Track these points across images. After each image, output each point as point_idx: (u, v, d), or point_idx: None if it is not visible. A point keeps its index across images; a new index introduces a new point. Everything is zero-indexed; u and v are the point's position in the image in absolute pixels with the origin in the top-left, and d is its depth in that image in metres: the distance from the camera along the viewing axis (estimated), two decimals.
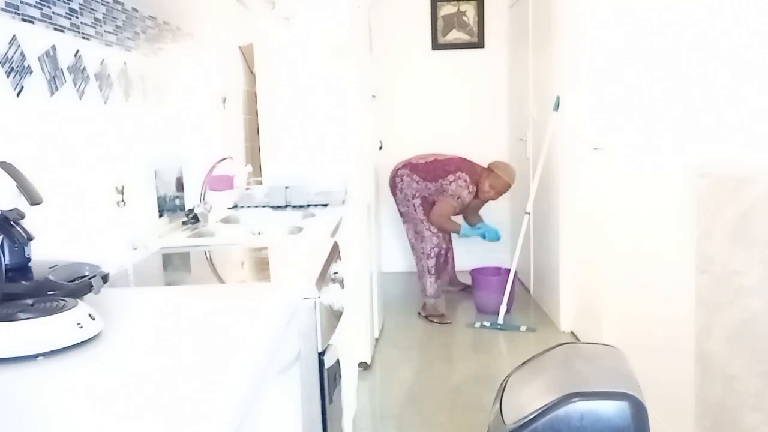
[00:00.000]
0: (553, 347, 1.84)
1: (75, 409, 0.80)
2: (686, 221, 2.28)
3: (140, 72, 1.96)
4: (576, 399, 1.48)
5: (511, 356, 3.41)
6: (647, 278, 2.63)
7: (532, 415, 1.49)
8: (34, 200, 1.14)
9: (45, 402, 0.82)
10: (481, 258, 4.92)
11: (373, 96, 3.65)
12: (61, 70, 1.50)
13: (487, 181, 4.06)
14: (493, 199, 4.18)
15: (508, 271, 4.04)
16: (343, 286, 1.85)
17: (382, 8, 4.88)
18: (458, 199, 4.01)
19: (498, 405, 1.64)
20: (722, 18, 2.07)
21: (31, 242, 1.15)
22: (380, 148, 4.03)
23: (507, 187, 4.09)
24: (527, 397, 1.56)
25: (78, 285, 1.15)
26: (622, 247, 2.92)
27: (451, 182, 3.99)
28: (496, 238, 4.14)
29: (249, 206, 2.80)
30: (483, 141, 5.13)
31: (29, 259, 1.16)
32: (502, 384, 1.77)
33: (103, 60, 1.71)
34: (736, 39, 1.99)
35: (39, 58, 1.40)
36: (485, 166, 4.15)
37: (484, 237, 4.15)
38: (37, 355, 0.94)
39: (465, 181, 4.00)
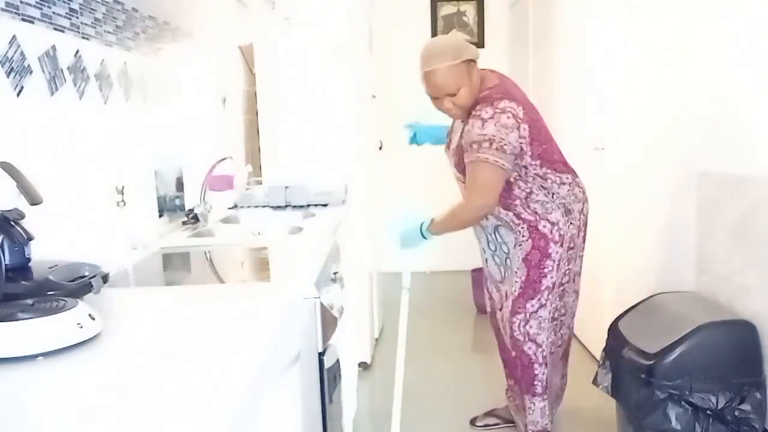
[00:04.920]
0: (648, 297, 2.24)
1: (75, 409, 0.80)
2: (686, 221, 2.28)
3: (140, 72, 1.96)
4: (706, 327, 1.87)
5: None
6: (647, 278, 2.63)
7: (673, 342, 1.87)
8: (34, 200, 1.14)
9: (45, 402, 0.82)
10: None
11: (373, 96, 3.65)
12: (61, 70, 1.50)
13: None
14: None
15: None
16: (343, 286, 1.85)
17: (382, 8, 4.87)
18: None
19: (622, 342, 2.06)
20: (725, 15, 2.07)
21: (31, 242, 1.15)
22: (380, 148, 4.03)
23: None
24: (659, 332, 1.96)
25: (78, 285, 1.15)
26: (622, 247, 2.92)
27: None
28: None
29: (249, 206, 2.80)
30: None
31: (29, 259, 1.16)
32: (612, 329, 2.18)
33: (103, 60, 1.71)
34: (737, 37, 1.99)
35: (39, 58, 1.40)
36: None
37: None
38: (37, 355, 0.94)
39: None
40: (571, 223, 2.21)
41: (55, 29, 1.47)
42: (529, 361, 2.24)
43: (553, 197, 2.18)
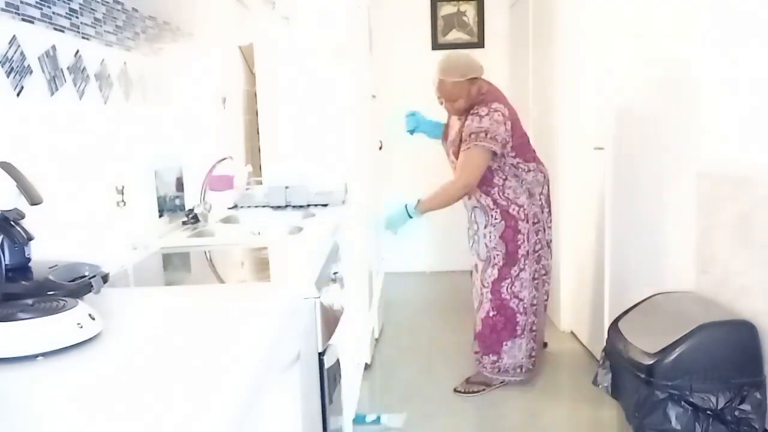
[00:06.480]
0: (648, 297, 2.28)
1: (75, 409, 0.80)
2: (686, 221, 2.28)
3: (140, 72, 1.96)
4: (706, 327, 1.89)
5: None
6: (647, 279, 2.63)
7: (673, 341, 1.88)
8: (34, 200, 1.14)
9: (44, 402, 0.82)
10: None
11: (373, 96, 3.65)
12: (61, 70, 1.50)
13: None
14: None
15: None
16: (343, 286, 1.85)
17: (382, 8, 4.87)
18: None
19: (622, 342, 2.08)
20: (726, 15, 2.07)
21: (31, 242, 1.15)
22: (380, 148, 4.03)
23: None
24: (659, 332, 1.97)
25: (78, 285, 1.15)
26: (622, 247, 2.92)
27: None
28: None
29: (249, 206, 2.80)
30: None
31: (29, 259, 1.16)
32: (612, 329, 2.21)
33: (103, 60, 1.71)
34: (736, 38, 1.99)
35: (39, 58, 1.40)
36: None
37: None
38: (37, 355, 0.94)
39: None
40: (533, 204, 2.85)
41: (55, 29, 1.47)
42: (513, 312, 2.88)
43: (521, 183, 2.81)
